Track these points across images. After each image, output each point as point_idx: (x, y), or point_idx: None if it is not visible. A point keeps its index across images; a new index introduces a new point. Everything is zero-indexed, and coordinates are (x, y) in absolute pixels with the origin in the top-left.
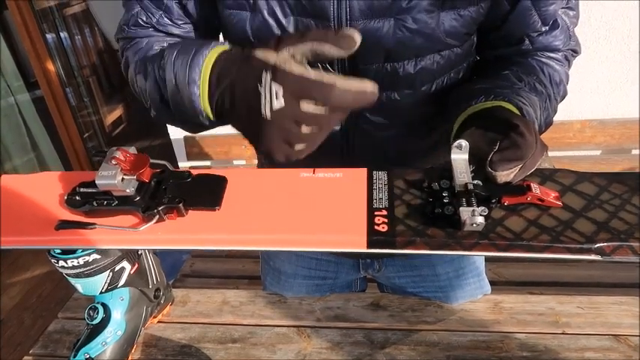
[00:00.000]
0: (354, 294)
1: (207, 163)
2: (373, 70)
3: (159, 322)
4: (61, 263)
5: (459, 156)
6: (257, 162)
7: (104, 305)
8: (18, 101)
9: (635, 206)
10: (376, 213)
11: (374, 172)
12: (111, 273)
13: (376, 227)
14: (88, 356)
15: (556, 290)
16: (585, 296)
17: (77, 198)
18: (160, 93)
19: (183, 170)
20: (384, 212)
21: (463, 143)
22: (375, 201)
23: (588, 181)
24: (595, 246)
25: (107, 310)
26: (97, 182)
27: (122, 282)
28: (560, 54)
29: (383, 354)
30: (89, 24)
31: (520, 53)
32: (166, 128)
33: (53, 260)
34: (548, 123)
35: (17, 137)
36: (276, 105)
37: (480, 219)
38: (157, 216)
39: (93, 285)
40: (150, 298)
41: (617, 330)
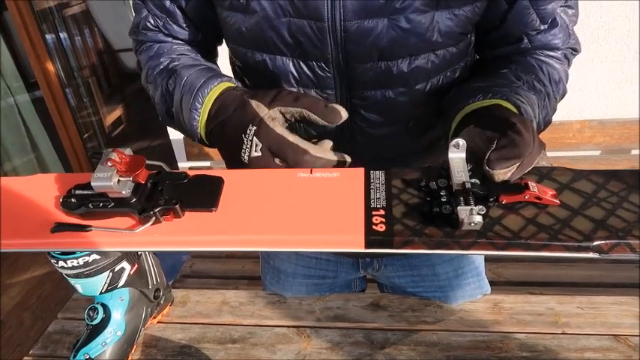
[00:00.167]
0: (354, 294)
1: (207, 164)
2: (367, 69)
3: (159, 323)
4: (61, 264)
5: (457, 155)
6: None
7: (104, 306)
8: (18, 102)
9: (632, 204)
10: (374, 212)
11: (371, 172)
12: (111, 273)
13: (374, 227)
14: (88, 357)
15: (556, 290)
16: (585, 296)
17: (73, 200)
18: (167, 106)
19: (179, 171)
20: (382, 212)
21: (460, 142)
22: (373, 200)
23: (585, 179)
24: (593, 244)
25: (107, 311)
26: (93, 184)
27: (122, 282)
28: (559, 52)
29: (383, 354)
30: (89, 25)
31: (519, 52)
32: (166, 129)
33: (53, 261)
34: (547, 122)
35: (17, 138)
36: (254, 154)
37: (478, 218)
38: (154, 217)
39: (93, 285)
40: (150, 299)
41: (616, 330)
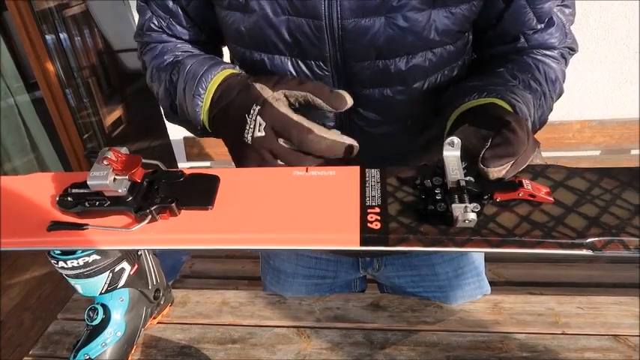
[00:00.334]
0: (354, 294)
1: (207, 164)
2: (365, 67)
3: (159, 323)
4: (61, 264)
5: (451, 153)
6: None
7: (104, 306)
8: (18, 102)
9: (626, 201)
10: (369, 210)
11: (367, 170)
12: (111, 274)
13: (369, 225)
14: (88, 357)
15: (556, 290)
16: (585, 296)
17: (69, 199)
18: (170, 100)
19: (175, 170)
20: (377, 210)
21: (455, 140)
22: (368, 199)
23: (579, 177)
24: (586, 241)
25: (107, 311)
26: (89, 183)
27: (122, 283)
28: (556, 52)
29: (383, 354)
30: (89, 25)
31: (516, 51)
32: (166, 129)
33: (53, 261)
34: (542, 121)
35: (17, 138)
36: (257, 134)
37: (472, 215)
38: (150, 216)
39: (93, 286)
40: (150, 299)
41: (616, 330)
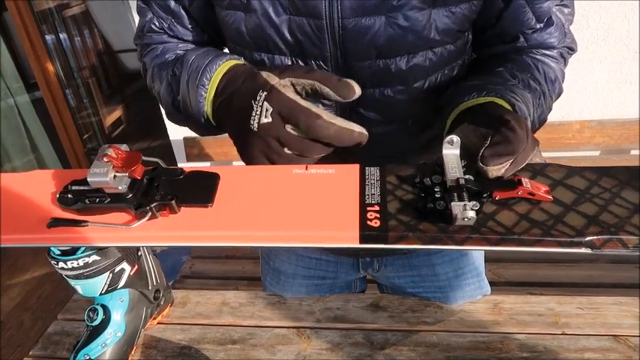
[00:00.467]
0: (354, 295)
1: (207, 164)
2: (365, 67)
3: (159, 324)
4: (61, 265)
5: (451, 151)
6: None
7: (104, 307)
8: (17, 103)
9: (624, 200)
10: (369, 208)
11: (366, 168)
12: (111, 274)
13: (369, 222)
14: (88, 358)
15: (556, 291)
16: (585, 297)
17: (69, 196)
18: (172, 96)
19: (175, 167)
20: (377, 208)
21: (455, 138)
22: (368, 196)
23: (578, 176)
24: (585, 239)
25: (107, 312)
26: (89, 179)
27: (122, 283)
28: (555, 51)
29: (383, 355)
30: (88, 25)
31: (515, 51)
32: (166, 129)
33: (53, 262)
34: (542, 120)
35: (17, 139)
36: (263, 120)
37: (472, 213)
38: (150, 213)
39: (93, 286)
40: (150, 300)
41: (616, 330)
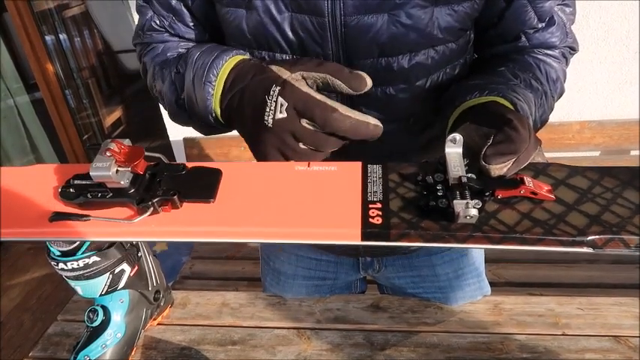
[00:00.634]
0: (354, 295)
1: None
2: (368, 65)
3: (159, 325)
4: (61, 265)
5: (453, 150)
6: None
7: (104, 308)
8: (17, 103)
9: (626, 200)
10: (371, 206)
11: (368, 166)
12: (111, 275)
13: (370, 220)
14: (88, 358)
15: (556, 291)
16: (585, 297)
17: (71, 190)
18: (176, 95)
19: (177, 163)
20: (379, 205)
21: (457, 137)
22: (370, 194)
23: (581, 175)
24: (587, 239)
25: (107, 313)
26: (92, 174)
27: (122, 284)
28: (557, 51)
29: (383, 355)
30: (88, 26)
31: (517, 50)
32: (166, 130)
33: (53, 262)
34: (543, 120)
35: (17, 139)
36: (278, 115)
37: (474, 211)
38: (152, 208)
39: (93, 287)
40: (150, 301)
41: (617, 331)
